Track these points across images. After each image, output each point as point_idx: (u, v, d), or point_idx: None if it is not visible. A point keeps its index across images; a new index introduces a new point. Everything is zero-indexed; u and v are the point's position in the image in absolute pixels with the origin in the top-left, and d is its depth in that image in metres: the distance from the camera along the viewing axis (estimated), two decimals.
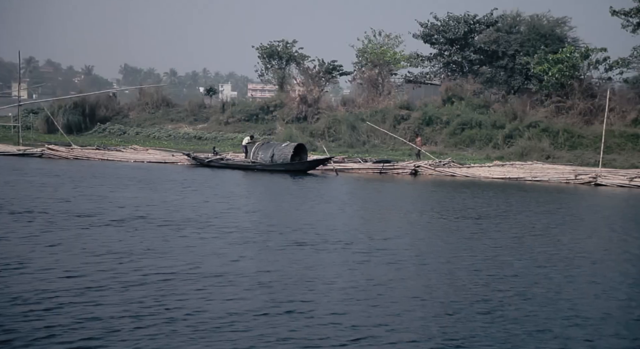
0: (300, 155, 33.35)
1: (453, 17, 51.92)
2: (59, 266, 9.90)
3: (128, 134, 55.95)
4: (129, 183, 23.45)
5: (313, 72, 56.03)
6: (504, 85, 50.41)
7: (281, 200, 20.48)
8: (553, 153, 40.67)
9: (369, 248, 12.54)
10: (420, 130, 47.11)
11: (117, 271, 9.86)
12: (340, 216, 17.09)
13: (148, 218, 14.83)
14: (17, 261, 10.10)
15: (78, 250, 11.18)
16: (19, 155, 35.75)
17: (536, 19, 51.86)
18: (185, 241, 12.40)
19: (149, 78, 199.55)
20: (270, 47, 58.74)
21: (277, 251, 11.83)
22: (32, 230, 12.70)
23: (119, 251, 11.22)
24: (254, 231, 13.98)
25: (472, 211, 18.75)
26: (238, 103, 57.62)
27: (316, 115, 53.27)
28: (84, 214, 14.94)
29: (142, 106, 60.78)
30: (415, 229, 15.40)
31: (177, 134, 54.97)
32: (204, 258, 11.11)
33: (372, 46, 56.57)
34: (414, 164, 33.94)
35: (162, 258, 10.88)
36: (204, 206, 17.85)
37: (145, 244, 11.94)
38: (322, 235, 13.52)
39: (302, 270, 10.53)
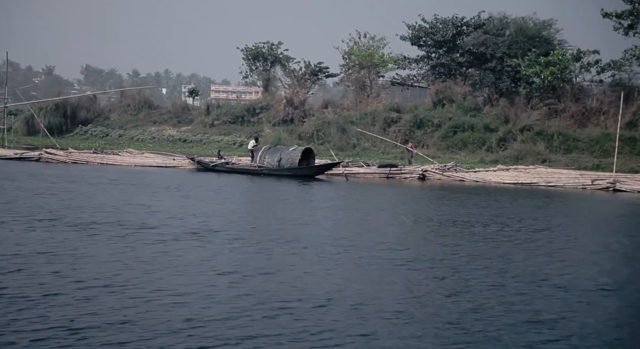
0: (307, 159, 33.00)
1: (441, 20, 52.06)
2: (176, 288, 9.36)
3: (111, 136, 55.11)
4: (157, 190, 22.98)
5: (299, 73, 55.83)
6: (492, 87, 50.65)
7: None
8: (549, 156, 40.80)
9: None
10: (411, 134, 47.21)
11: (256, 296, 9.22)
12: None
13: (217, 230, 14.37)
14: (128, 283, 9.50)
15: (178, 269, 10.63)
16: (16, 159, 34.82)
17: (522, 22, 52.05)
18: (289, 259, 11.84)
19: (110, 79, 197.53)
20: (255, 48, 58.33)
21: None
22: (115, 246, 12.13)
23: (224, 270, 10.66)
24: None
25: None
26: (223, 105, 57.10)
27: (303, 117, 53.12)
28: (147, 226, 14.41)
29: (123, 108, 59.93)
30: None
31: (161, 136, 54.28)
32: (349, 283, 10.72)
33: (359, 48, 56.55)
34: (422, 168, 33.70)
35: (274, 275, 10.45)
36: (260, 216, 17.49)
37: (240, 260, 11.49)
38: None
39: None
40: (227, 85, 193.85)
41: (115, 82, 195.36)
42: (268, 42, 58.17)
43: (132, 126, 57.23)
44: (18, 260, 10.57)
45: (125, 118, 58.61)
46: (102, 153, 37.06)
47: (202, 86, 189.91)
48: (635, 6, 41.80)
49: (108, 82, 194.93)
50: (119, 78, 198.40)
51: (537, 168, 35.69)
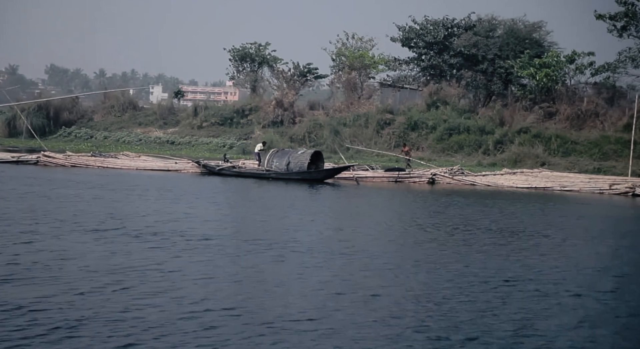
0: (316, 163, 32.45)
1: (431, 21, 51.87)
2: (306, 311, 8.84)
3: (96, 138, 53.96)
4: (182, 196, 22.36)
5: (287, 75, 55.28)
6: (483, 89, 50.62)
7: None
8: (547, 159, 40.75)
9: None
10: (405, 136, 46.97)
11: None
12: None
13: (269, 240, 13.78)
14: (254, 308, 8.95)
15: (269, 285, 10.11)
16: (13, 163, 33.74)
17: (512, 23, 51.99)
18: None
19: (76, 79, 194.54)
20: (242, 49, 57.61)
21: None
22: (206, 263, 11.56)
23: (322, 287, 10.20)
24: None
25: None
26: (211, 107, 56.26)
27: (293, 119, 52.60)
28: (198, 236, 13.82)
29: (107, 109, 58.74)
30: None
31: (148, 139, 53.30)
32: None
33: (350, 50, 56.22)
34: (431, 172, 33.31)
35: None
36: (304, 225, 16.97)
37: (317, 272, 11.04)
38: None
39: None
40: (195, 86, 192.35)
41: (81, 81, 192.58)
42: (255, 42, 57.60)
43: (117, 128, 56.13)
44: (118, 277, 9.97)
45: (110, 120, 57.47)
46: (100, 157, 36.10)
47: (170, 86, 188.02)
48: (629, 8, 41.81)
49: (74, 81, 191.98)
50: (84, 78, 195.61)
51: (543, 171, 35.60)
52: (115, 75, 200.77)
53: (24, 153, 36.27)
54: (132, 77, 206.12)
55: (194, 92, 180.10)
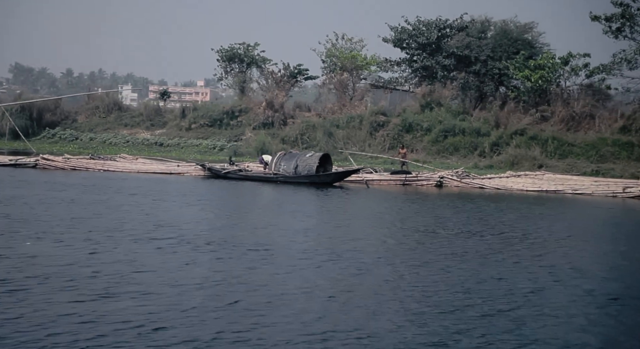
0: (324, 166, 32.01)
1: (424, 22, 51.67)
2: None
3: (81, 140, 52.83)
4: (207, 201, 21.85)
5: (277, 76, 54.68)
6: (476, 91, 50.50)
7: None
8: (544, 162, 40.53)
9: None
10: (399, 138, 46.71)
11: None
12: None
13: (325, 251, 13.40)
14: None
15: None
16: (11, 166, 32.74)
17: (504, 25, 51.93)
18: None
19: (42, 78, 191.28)
20: (230, 49, 56.83)
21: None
22: (284, 275, 11.13)
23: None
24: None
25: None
26: (200, 108, 55.39)
27: (284, 120, 52.08)
28: (259, 245, 13.37)
29: (91, 110, 57.59)
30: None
31: (136, 140, 52.35)
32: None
33: (341, 50, 55.79)
34: (439, 175, 33.04)
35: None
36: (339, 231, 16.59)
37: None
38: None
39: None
40: (164, 86, 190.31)
41: (48, 81, 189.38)
42: (244, 43, 56.87)
43: (103, 129, 55.07)
44: (218, 290, 9.50)
45: (94, 121, 56.36)
46: (99, 159, 35.24)
47: (140, 86, 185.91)
48: (625, 9, 41.72)
49: (39, 81, 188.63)
50: (50, 78, 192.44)
51: (546, 174, 35.46)
52: (82, 74, 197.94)
53: (21, 156, 35.23)
54: (100, 76, 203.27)
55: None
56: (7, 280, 9.58)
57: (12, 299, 8.65)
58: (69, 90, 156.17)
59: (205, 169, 32.80)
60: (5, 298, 8.74)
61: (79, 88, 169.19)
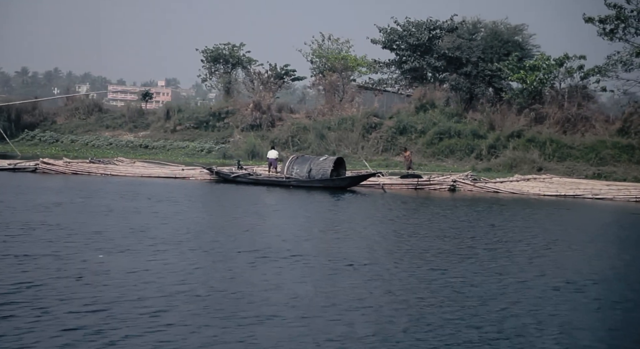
0: (337, 170, 31.32)
1: (414, 23, 51.16)
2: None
3: (62, 142, 51.27)
4: (237, 206, 21.11)
5: (264, 76, 53.72)
6: (467, 92, 50.23)
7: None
8: (543, 164, 40.09)
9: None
10: (393, 140, 46.28)
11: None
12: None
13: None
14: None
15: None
16: (10, 170, 31.40)
17: (494, 26, 51.50)
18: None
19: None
20: (215, 50, 55.66)
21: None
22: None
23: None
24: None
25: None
26: (185, 109, 54.10)
27: (271, 122, 51.20)
28: (333, 257, 12.70)
29: (70, 111, 55.90)
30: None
31: (119, 142, 50.94)
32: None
33: (332, 52, 55.07)
34: (452, 179, 32.49)
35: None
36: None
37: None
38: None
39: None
40: (124, 86, 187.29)
41: (1, 80, 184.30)
42: (229, 43, 55.75)
43: (84, 131, 53.54)
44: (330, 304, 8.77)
45: (74, 123, 54.74)
46: (99, 163, 34.01)
47: (98, 86, 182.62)
48: (619, 11, 41.48)
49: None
50: (5, 77, 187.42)
51: (553, 177, 35.08)
52: (37, 73, 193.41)
53: (20, 160, 33.84)
54: (56, 75, 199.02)
55: (124, 91, 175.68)
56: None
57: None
58: (24, 89, 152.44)
59: (213, 173, 31.89)
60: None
61: (35, 87, 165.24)
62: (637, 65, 42.16)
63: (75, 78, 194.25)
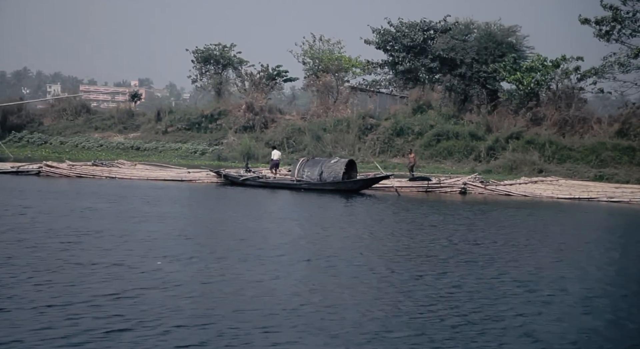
0: (348, 172, 30.92)
1: (407, 24, 50.82)
2: None
3: (51, 144, 50.20)
4: (262, 212, 20.67)
5: (256, 77, 53.12)
6: (461, 94, 49.98)
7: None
8: (544, 166, 39.89)
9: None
10: (390, 142, 46.05)
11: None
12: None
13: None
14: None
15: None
16: (12, 173, 30.53)
17: (487, 27, 51.04)
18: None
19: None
20: (206, 50, 54.92)
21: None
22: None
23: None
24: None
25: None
26: (176, 111, 53.29)
27: (264, 123, 50.64)
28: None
29: (58, 113, 54.79)
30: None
31: (110, 144, 50.01)
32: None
33: (318, 52, 54.62)
34: (462, 182, 32.20)
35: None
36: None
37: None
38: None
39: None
40: (96, 86, 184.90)
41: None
42: (219, 43, 55.04)
43: (72, 132, 52.52)
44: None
45: (62, 124, 53.69)
46: (102, 166, 33.26)
47: (69, 86, 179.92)
48: (616, 12, 41.30)
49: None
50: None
51: (560, 180, 34.87)
52: (4, 73, 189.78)
53: (22, 163, 32.95)
54: (25, 75, 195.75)
55: (96, 91, 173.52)
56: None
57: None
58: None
59: (221, 176, 31.35)
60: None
61: (4, 87, 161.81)
62: (634, 67, 42.21)
63: (45, 78, 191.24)
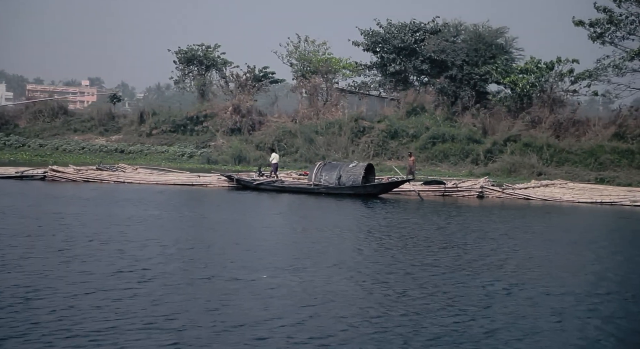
0: (366, 177, 30.19)
1: (396, 25, 50.18)
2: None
3: (29, 146, 48.12)
4: (298, 218, 19.98)
5: (242, 79, 51.88)
6: (452, 96, 49.58)
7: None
8: (542, 169, 39.49)
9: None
10: (385, 145, 45.44)
11: None
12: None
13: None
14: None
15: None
16: (17, 178, 28.94)
17: (475, 28, 50.55)
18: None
19: None
20: (189, 51, 53.44)
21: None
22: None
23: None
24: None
25: None
26: (159, 113, 51.64)
27: (252, 125, 49.53)
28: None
29: (33, 114, 52.62)
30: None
31: (92, 147, 48.19)
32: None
33: (307, 53, 53.62)
34: (480, 185, 31.66)
35: None
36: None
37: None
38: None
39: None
40: (43, 85, 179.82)
41: None
42: (202, 44, 53.60)
43: (50, 135, 50.54)
44: None
45: (39, 126, 51.63)
46: (107, 170, 31.79)
47: (14, 85, 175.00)
48: (611, 15, 41.31)
49: None
50: None
51: (568, 183, 34.51)
52: None
53: (26, 168, 31.27)
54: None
55: (44, 91, 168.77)
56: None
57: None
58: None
59: (233, 181, 30.34)
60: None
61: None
62: (630, 70, 42.40)
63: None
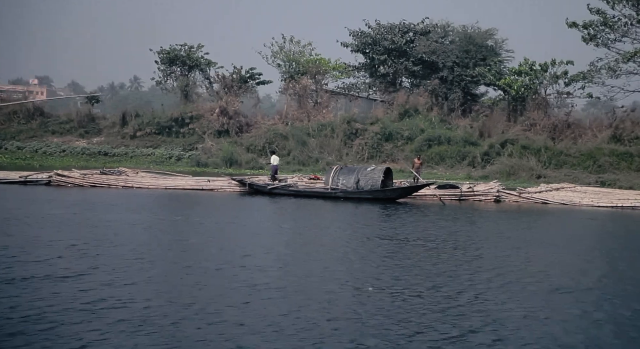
0: (384, 181, 29.30)
1: (386, 26, 49.44)
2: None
3: (6, 149, 45.94)
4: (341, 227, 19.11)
5: (228, 80, 50.41)
6: (443, 98, 49.01)
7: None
8: (541, 172, 39.03)
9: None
10: (379, 147, 44.60)
11: None
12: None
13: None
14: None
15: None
16: (21, 183, 27.27)
17: (464, 30, 50.37)
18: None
19: None
20: (171, 51, 51.74)
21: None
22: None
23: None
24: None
25: None
26: (143, 114, 49.80)
27: (239, 127, 48.17)
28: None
29: (7, 116, 50.32)
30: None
31: (73, 149, 46.22)
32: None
33: (293, 53, 52.48)
34: (497, 190, 30.96)
35: None
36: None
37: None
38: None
39: None
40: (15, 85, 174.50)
41: None
42: (185, 44, 51.97)
43: (27, 137, 48.37)
44: None
45: (14, 128, 49.42)
46: (113, 174, 30.29)
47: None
48: (605, 17, 41.12)
49: None
50: None
51: (576, 187, 33.99)
52: None
53: (29, 172, 29.52)
54: None
55: (10, 91, 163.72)
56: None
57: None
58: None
59: (245, 185, 29.21)
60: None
61: None
62: (625, 72, 42.37)
63: None
